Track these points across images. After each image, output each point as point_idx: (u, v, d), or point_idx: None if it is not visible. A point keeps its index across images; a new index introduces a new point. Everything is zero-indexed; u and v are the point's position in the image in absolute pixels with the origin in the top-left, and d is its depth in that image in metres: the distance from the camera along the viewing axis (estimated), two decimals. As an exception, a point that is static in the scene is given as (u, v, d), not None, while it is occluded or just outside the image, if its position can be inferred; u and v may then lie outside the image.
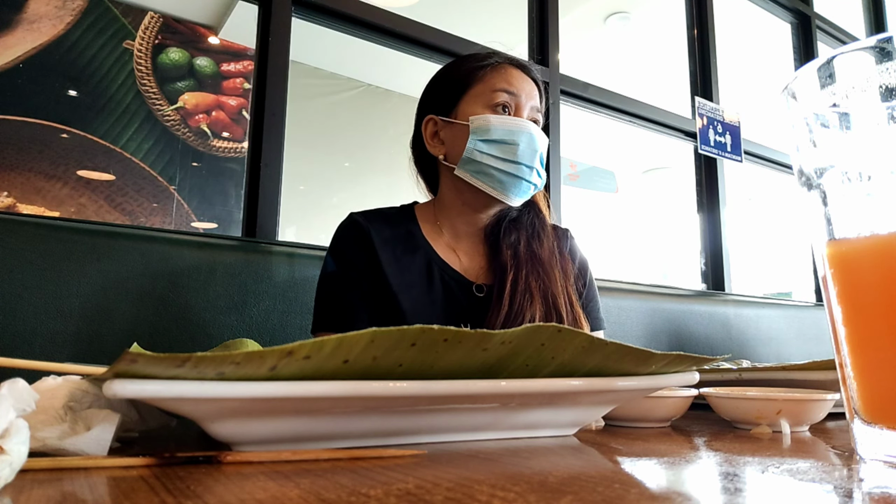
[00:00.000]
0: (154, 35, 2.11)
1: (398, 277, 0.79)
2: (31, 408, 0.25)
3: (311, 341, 0.28)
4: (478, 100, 0.82)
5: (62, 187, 1.87)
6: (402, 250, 0.81)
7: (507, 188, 0.80)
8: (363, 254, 0.80)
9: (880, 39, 0.29)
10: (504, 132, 0.79)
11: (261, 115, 1.20)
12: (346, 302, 0.79)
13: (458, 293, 0.81)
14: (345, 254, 0.81)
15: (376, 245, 0.80)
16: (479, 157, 0.79)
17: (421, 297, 0.80)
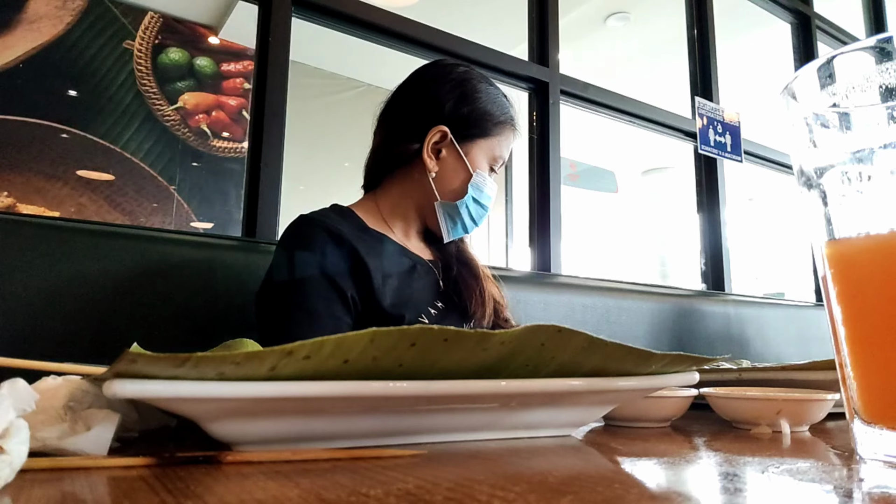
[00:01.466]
0: (154, 35, 2.11)
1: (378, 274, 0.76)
2: (31, 408, 0.25)
3: (310, 341, 0.28)
4: (485, 153, 0.86)
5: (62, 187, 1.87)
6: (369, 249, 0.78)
7: (455, 234, 0.87)
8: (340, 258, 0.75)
9: (880, 39, 0.29)
10: (487, 198, 0.87)
11: (261, 115, 1.20)
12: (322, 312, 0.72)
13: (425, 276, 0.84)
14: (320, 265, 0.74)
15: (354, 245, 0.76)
16: (463, 210, 0.85)
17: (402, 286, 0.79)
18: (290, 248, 0.76)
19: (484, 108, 0.86)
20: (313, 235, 0.76)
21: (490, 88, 0.89)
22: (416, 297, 0.80)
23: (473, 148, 0.85)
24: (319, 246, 0.75)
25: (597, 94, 1.79)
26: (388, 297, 0.76)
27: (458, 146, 0.84)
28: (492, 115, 0.86)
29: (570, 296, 1.33)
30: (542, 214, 1.63)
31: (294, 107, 1.29)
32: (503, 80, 1.67)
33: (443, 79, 0.87)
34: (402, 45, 1.49)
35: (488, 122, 0.85)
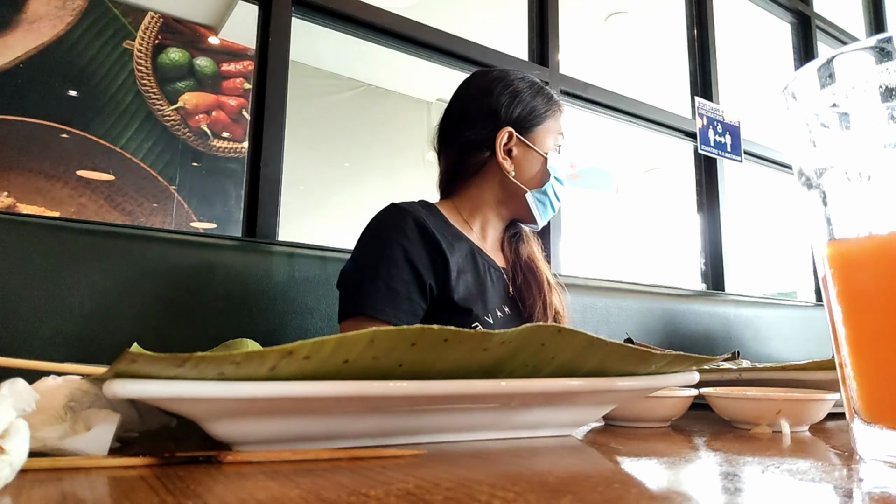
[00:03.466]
0: (154, 35, 2.11)
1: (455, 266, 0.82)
2: (31, 408, 0.25)
3: (310, 341, 0.28)
4: (548, 135, 0.92)
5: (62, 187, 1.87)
6: (451, 243, 0.84)
7: (540, 221, 0.93)
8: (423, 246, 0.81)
9: (880, 39, 0.29)
10: (562, 174, 0.93)
11: (261, 115, 1.20)
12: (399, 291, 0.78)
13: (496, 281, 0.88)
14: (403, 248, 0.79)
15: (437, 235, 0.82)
16: (549, 192, 0.91)
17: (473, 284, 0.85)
18: (380, 232, 0.82)
19: (532, 99, 0.93)
20: (402, 223, 0.82)
21: (527, 81, 0.95)
22: (485, 296, 0.85)
23: (537, 137, 0.91)
24: (407, 233, 0.81)
25: (597, 94, 1.79)
26: (460, 291, 0.81)
27: (525, 140, 0.91)
28: (540, 103, 0.93)
29: (570, 296, 1.33)
30: (542, 214, 1.63)
31: (294, 107, 1.29)
32: (503, 80, 1.67)
33: (487, 88, 0.93)
34: (402, 45, 1.49)
35: (539, 110, 0.92)
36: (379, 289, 0.78)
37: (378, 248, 0.80)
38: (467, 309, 0.81)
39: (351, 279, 0.81)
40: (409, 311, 0.78)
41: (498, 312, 0.85)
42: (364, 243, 0.83)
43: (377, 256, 0.80)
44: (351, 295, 0.80)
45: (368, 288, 0.78)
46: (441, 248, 0.81)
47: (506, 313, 0.85)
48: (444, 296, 0.81)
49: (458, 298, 0.80)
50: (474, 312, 0.81)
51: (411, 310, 0.79)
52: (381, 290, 0.77)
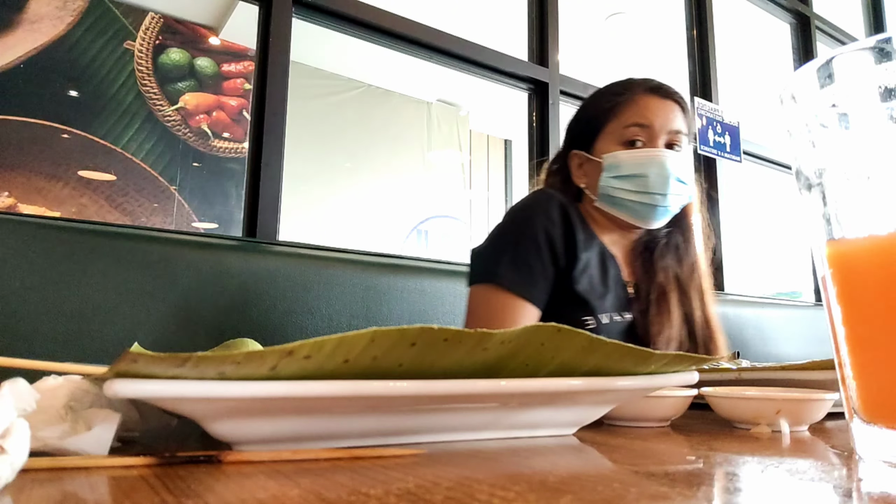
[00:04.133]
0: (155, 35, 2.11)
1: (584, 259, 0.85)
2: (31, 407, 0.25)
3: (311, 341, 0.28)
4: (612, 137, 0.90)
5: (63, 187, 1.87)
6: (585, 237, 0.87)
7: (643, 216, 0.88)
8: (562, 231, 0.84)
9: (880, 40, 0.29)
10: (633, 166, 0.87)
11: (261, 116, 1.20)
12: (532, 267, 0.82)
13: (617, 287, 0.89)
14: (545, 228, 0.84)
15: (574, 225, 0.85)
16: (613, 191, 0.88)
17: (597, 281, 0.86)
18: (525, 211, 0.87)
19: (595, 107, 0.93)
20: (548, 206, 0.86)
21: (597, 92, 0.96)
22: (604, 298, 0.86)
23: (598, 143, 0.91)
24: (551, 217, 0.85)
25: (597, 94, 1.79)
26: (582, 284, 0.84)
27: (588, 153, 0.92)
28: (603, 106, 0.92)
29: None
30: (542, 215, 1.63)
31: (294, 107, 1.29)
32: (503, 80, 1.67)
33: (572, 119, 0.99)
34: (403, 46, 1.49)
35: (602, 113, 0.91)
36: (517, 265, 0.82)
37: (521, 227, 0.85)
38: (585, 301, 0.84)
39: (490, 248, 0.86)
40: (542, 290, 0.83)
41: (615, 317, 0.86)
42: (509, 219, 0.87)
43: (520, 234, 0.84)
44: (486, 263, 0.84)
45: (506, 261, 0.82)
46: (576, 238, 0.84)
47: (616, 322, 0.86)
48: (566, 284, 0.84)
49: (579, 290, 0.83)
50: (590, 306, 0.84)
51: (544, 289, 0.83)
52: (518, 267, 0.82)
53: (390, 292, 1.08)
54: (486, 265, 0.84)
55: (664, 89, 0.91)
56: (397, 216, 3.21)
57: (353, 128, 3.07)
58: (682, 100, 0.92)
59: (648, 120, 0.88)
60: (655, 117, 0.88)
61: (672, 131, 0.88)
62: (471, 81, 1.76)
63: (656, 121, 0.88)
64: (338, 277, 1.03)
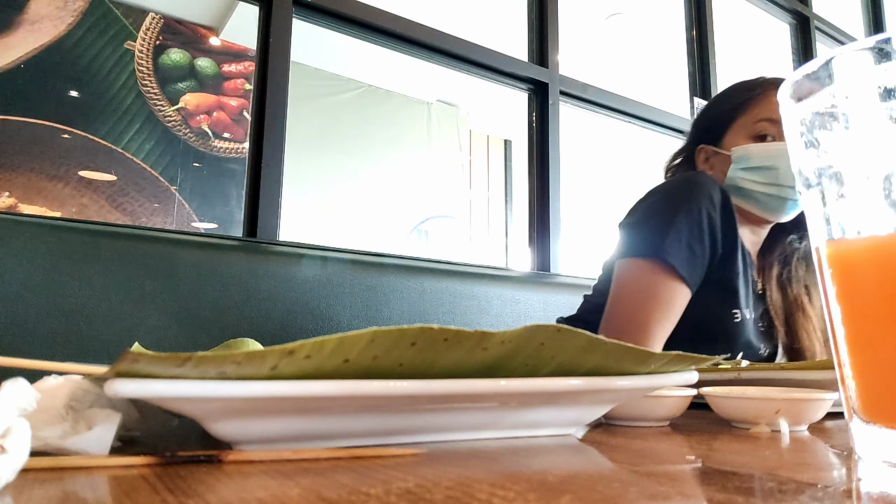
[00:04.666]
0: (155, 36, 2.11)
1: (740, 250, 0.86)
2: (32, 407, 0.25)
3: (311, 341, 0.28)
4: (741, 131, 0.90)
5: (64, 187, 1.87)
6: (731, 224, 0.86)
7: (773, 209, 0.88)
8: (722, 217, 0.84)
9: (879, 40, 0.29)
10: (763, 158, 0.87)
11: (262, 116, 1.20)
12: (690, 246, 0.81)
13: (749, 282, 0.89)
14: (708, 210, 0.82)
15: (734, 213, 0.85)
16: (742, 183, 0.88)
17: (742, 274, 0.86)
18: (687, 190, 0.84)
19: (725, 101, 0.94)
20: (711, 190, 0.84)
21: (732, 85, 0.96)
22: (745, 290, 0.87)
23: (727, 137, 0.92)
24: (714, 201, 0.83)
25: (596, 94, 1.79)
26: (736, 271, 0.84)
27: (716, 148, 0.92)
28: (735, 101, 0.92)
29: (569, 296, 1.33)
30: (541, 214, 1.63)
31: (295, 107, 1.29)
32: (503, 80, 1.67)
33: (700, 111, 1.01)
34: (403, 46, 1.49)
35: (733, 108, 0.92)
36: (682, 244, 0.80)
37: (684, 205, 0.81)
38: (735, 291, 0.84)
39: (649, 223, 0.83)
40: (699, 275, 0.82)
41: (747, 313, 0.87)
42: (667, 196, 0.85)
43: (682, 213, 0.81)
44: (649, 236, 0.81)
45: (672, 238, 0.79)
46: (734, 225, 0.84)
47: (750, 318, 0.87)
48: (718, 273, 0.83)
49: (732, 279, 0.84)
50: (738, 298, 0.84)
51: (700, 274, 0.82)
52: (683, 246, 0.80)
53: (390, 292, 1.08)
54: (648, 239, 0.81)
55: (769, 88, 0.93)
56: (397, 216, 3.21)
57: (353, 128, 3.07)
58: None
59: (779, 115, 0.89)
60: None
61: None
62: (471, 81, 1.77)
63: None
64: (338, 277, 1.03)
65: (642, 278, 0.81)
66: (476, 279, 1.21)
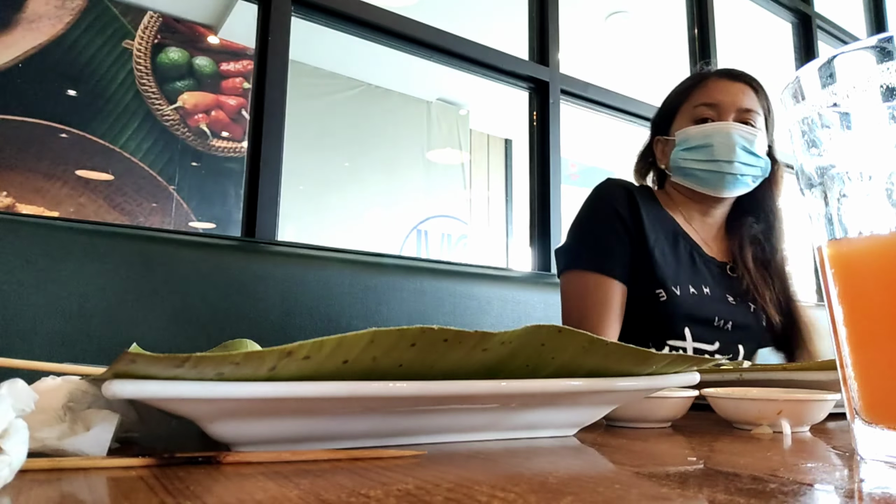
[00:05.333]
0: (153, 35, 2.11)
1: (653, 235, 0.92)
2: (30, 408, 0.25)
3: (310, 341, 0.28)
4: (684, 117, 0.97)
5: (61, 187, 1.87)
6: (654, 215, 0.94)
7: (713, 184, 0.94)
8: (629, 210, 0.91)
9: (881, 39, 0.29)
10: (700, 138, 0.93)
11: (260, 115, 1.20)
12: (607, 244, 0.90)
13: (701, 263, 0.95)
14: (613, 207, 0.92)
15: (640, 204, 0.92)
16: (683, 163, 0.94)
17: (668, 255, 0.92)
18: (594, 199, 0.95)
19: (672, 94, 1.01)
20: (613, 189, 0.94)
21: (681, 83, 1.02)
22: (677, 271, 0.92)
23: (672, 127, 0.98)
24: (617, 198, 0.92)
25: (597, 93, 1.79)
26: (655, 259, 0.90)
27: (667, 136, 0.99)
28: (677, 91, 1.00)
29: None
30: (542, 214, 1.63)
31: (294, 106, 1.29)
32: (503, 79, 1.67)
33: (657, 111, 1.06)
34: (402, 45, 1.49)
35: (676, 97, 1.00)
36: (592, 245, 0.91)
37: (591, 211, 0.93)
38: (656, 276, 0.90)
39: (569, 240, 0.95)
40: (620, 263, 0.90)
41: (692, 289, 0.91)
42: (580, 211, 0.95)
43: (593, 219, 0.93)
44: (567, 253, 0.93)
45: (582, 246, 0.92)
46: (642, 216, 0.91)
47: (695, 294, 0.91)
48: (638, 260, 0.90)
49: (650, 265, 0.90)
50: (659, 278, 0.89)
51: (622, 262, 0.90)
52: (593, 247, 0.91)
53: (390, 292, 1.08)
54: (566, 255, 0.93)
55: (733, 72, 0.98)
56: (397, 216, 3.21)
57: (353, 127, 3.07)
58: (754, 81, 0.98)
59: (716, 99, 0.94)
60: (723, 96, 0.94)
61: (742, 109, 0.94)
62: (471, 80, 1.76)
63: (725, 99, 0.94)
64: (337, 277, 1.03)
65: (577, 288, 0.91)
66: (476, 279, 1.21)
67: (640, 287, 0.90)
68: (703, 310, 0.91)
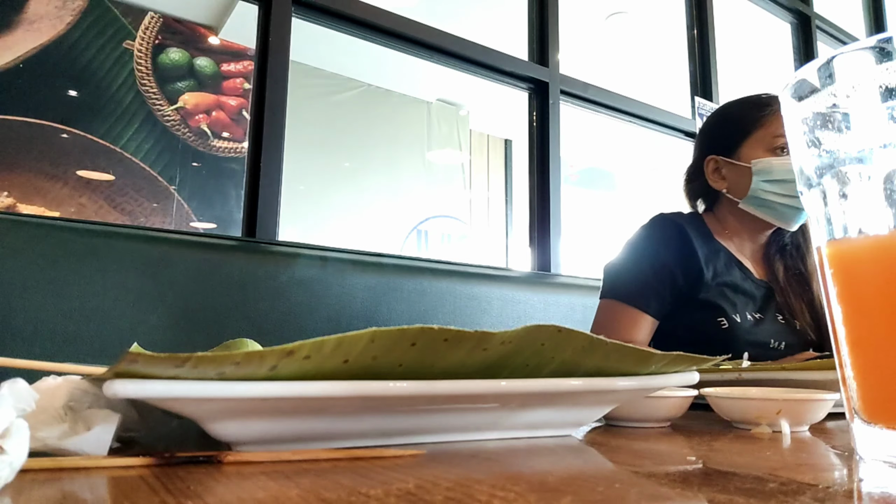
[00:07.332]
0: (154, 35, 2.11)
1: (710, 269, 0.95)
2: (31, 407, 0.25)
3: (310, 341, 0.28)
4: (759, 144, 0.97)
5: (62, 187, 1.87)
6: (708, 249, 0.97)
7: (789, 218, 0.96)
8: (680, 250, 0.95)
9: (880, 39, 0.29)
10: (784, 172, 0.94)
11: (261, 115, 1.20)
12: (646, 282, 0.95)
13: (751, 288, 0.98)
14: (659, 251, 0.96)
15: (693, 240, 0.95)
16: (764, 194, 0.95)
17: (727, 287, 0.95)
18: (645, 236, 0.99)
19: (739, 115, 1.00)
20: (664, 233, 0.98)
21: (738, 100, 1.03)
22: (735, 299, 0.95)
23: (743, 149, 0.98)
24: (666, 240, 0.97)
25: (597, 94, 1.79)
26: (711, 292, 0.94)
27: (730, 159, 0.99)
28: (751, 116, 0.99)
29: (570, 296, 1.33)
30: (542, 214, 1.63)
31: (294, 107, 1.29)
32: (503, 80, 1.67)
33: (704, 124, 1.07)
34: (403, 46, 1.49)
35: (748, 122, 0.98)
36: (633, 282, 0.96)
37: (640, 250, 0.98)
38: (715, 305, 0.93)
39: (614, 268, 0.99)
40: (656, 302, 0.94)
41: (748, 316, 0.95)
42: (632, 242, 1.00)
43: (638, 257, 0.97)
44: (611, 281, 0.98)
45: (626, 279, 0.97)
46: (697, 254, 0.95)
47: (750, 320, 0.95)
48: (695, 295, 0.94)
49: (708, 297, 0.94)
50: (722, 309, 0.93)
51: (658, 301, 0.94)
52: (633, 283, 0.96)
53: (390, 292, 1.08)
54: (609, 282, 0.98)
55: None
56: (397, 216, 3.21)
57: (353, 127, 3.07)
58: None
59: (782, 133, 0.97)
60: None
61: None
62: (471, 81, 1.76)
63: None
64: (338, 277, 1.03)
65: (610, 315, 0.97)
66: (476, 279, 1.21)
67: (700, 315, 0.94)
68: (762, 334, 0.94)
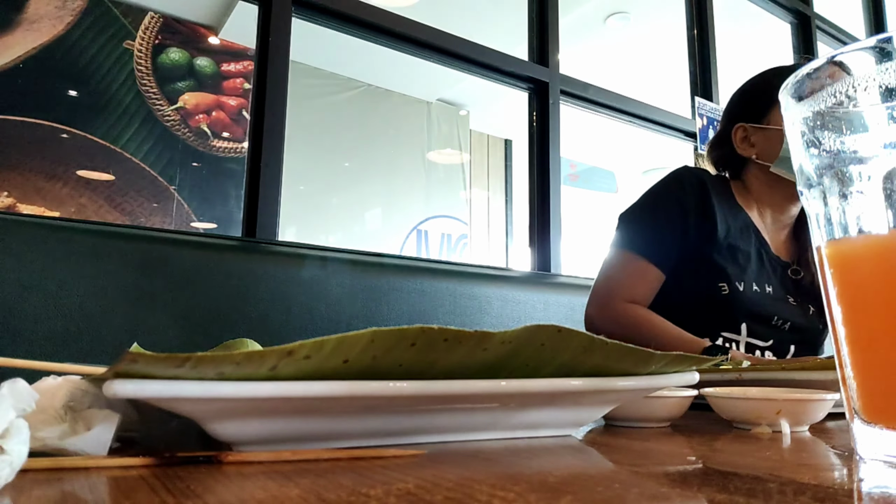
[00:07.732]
0: (154, 35, 2.11)
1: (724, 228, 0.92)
2: (30, 407, 0.25)
3: (310, 341, 0.28)
4: None
5: (62, 187, 1.87)
6: (727, 208, 0.95)
7: None
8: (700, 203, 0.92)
9: (880, 40, 0.29)
10: None
11: (261, 115, 1.20)
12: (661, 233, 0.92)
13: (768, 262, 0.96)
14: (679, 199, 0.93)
15: (713, 196, 0.93)
16: None
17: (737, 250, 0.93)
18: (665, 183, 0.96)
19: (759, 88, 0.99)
20: (685, 180, 0.95)
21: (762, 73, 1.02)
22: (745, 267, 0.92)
23: (772, 115, 0.95)
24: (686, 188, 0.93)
25: (597, 94, 1.79)
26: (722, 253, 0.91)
27: (759, 124, 0.96)
28: (767, 86, 0.97)
29: (570, 296, 1.33)
30: (542, 214, 1.63)
31: (294, 107, 1.29)
32: (503, 80, 1.67)
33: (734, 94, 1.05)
34: (402, 45, 1.49)
35: (768, 92, 0.96)
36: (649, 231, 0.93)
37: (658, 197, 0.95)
38: (721, 268, 0.91)
39: (632, 213, 0.96)
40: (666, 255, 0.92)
41: (755, 287, 0.92)
42: (650, 191, 0.97)
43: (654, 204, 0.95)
44: (623, 228, 0.96)
45: (637, 227, 0.94)
46: (713, 209, 0.91)
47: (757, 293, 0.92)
48: (704, 252, 0.91)
49: (716, 258, 0.91)
50: (727, 273, 0.91)
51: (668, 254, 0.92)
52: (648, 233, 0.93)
53: (390, 292, 1.08)
54: (622, 229, 0.96)
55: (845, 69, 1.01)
56: (397, 216, 3.21)
57: (353, 127, 3.07)
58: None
59: None
60: None
61: None
62: (471, 81, 1.77)
63: None
64: (338, 277, 1.03)
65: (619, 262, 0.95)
66: (476, 279, 1.21)
67: (703, 277, 0.91)
68: (764, 308, 0.92)
